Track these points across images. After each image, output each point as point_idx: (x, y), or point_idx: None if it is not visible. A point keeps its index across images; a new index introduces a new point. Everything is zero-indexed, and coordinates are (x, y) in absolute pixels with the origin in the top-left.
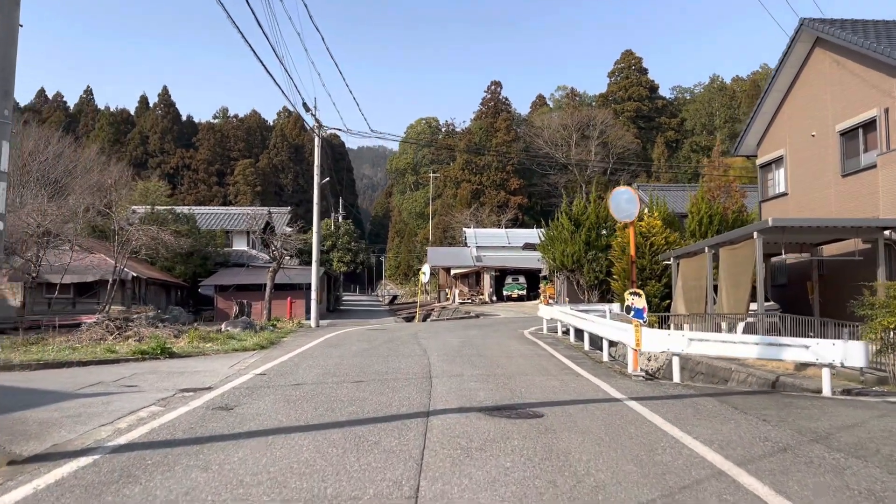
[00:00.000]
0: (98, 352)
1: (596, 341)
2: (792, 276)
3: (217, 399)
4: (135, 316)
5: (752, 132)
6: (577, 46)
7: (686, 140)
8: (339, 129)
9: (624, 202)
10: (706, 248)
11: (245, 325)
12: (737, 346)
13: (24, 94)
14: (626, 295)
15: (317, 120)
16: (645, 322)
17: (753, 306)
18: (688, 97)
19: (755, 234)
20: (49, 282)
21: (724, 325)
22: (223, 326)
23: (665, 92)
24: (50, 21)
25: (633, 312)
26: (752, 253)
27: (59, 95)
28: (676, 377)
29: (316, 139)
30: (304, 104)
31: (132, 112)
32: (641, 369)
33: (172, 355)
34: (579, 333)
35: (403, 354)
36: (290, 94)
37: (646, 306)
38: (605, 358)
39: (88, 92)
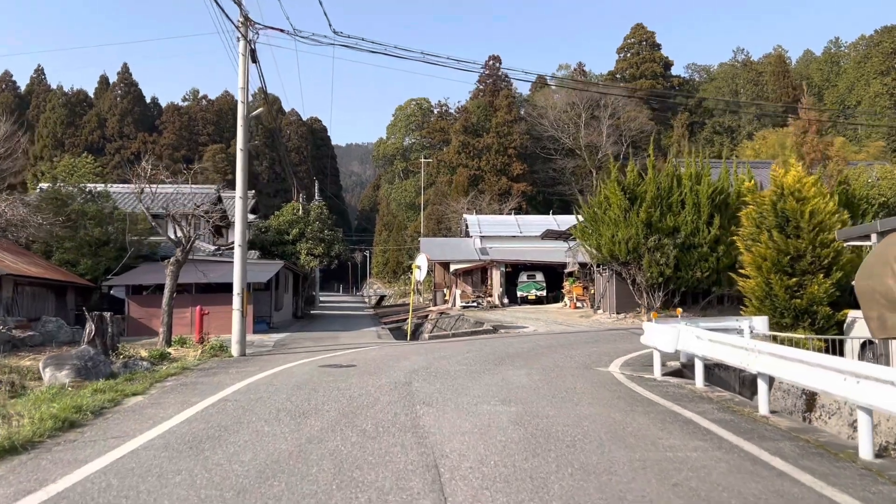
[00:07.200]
0: None
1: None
2: None
3: None
4: None
5: None
6: (579, 22)
7: (708, 121)
8: (282, 30)
9: None
10: None
11: (81, 365)
12: None
13: None
14: None
15: (238, 3)
16: None
17: None
18: (703, 77)
19: None
20: None
21: None
22: (41, 366)
23: (679, 71)
24: None
25: None
26: None
27: (7, 74)
28: None
29: (241, 43)
30: None
31: (90, 94)
32: None
33: None
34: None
35: None
36: None
37: None
38: None
39: (40, 71)
